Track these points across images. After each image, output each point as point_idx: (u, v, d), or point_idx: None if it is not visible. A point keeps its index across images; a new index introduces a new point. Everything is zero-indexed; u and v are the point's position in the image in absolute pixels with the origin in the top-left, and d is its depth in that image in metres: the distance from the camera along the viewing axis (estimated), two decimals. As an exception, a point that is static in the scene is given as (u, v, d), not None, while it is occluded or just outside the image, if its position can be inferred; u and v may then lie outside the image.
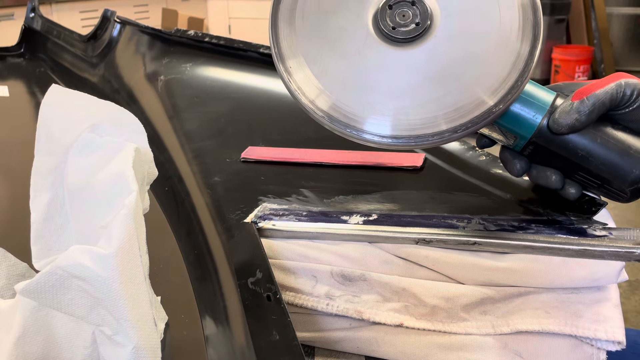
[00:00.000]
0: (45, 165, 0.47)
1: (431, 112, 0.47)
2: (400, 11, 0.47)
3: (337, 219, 0.54)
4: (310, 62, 0.48)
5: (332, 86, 0.48)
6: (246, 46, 1.04)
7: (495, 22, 0.46)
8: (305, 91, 0.48)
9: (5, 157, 0.85)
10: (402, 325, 0.48)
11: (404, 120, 0.47)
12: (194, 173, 0.70)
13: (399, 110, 0.47)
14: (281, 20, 0.49)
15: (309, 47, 0.49)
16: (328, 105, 0.48)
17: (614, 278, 0.47)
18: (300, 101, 0.48)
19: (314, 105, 0.48)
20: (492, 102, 0.45)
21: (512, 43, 0.46)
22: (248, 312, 0.44)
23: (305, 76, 0.48)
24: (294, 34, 0.49)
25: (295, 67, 0.48)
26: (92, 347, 0.40)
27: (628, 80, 0.47)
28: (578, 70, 3.90)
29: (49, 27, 1.44)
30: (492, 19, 0.46)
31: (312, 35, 0.49)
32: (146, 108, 0.95)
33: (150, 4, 4.25)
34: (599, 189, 0.51)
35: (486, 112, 0.45)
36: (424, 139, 0.47)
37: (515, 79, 0.45)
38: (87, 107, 0.48)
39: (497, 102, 0.45)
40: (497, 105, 0.45)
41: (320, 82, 0.48)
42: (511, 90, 0.45)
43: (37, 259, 0.45)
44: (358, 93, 0.48)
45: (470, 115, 0.46)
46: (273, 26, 0.49)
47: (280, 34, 0.49)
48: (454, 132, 0.46)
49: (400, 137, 0.47)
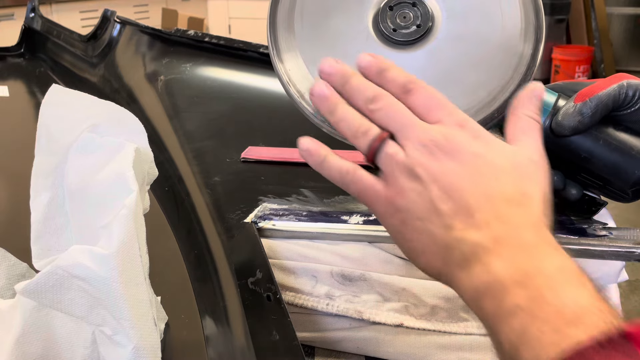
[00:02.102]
0: (45, 165, 0.47)
1: None
2: (401, 13, 0.46)
3: (337, 219, 0.54)
4: (309, 65, 0.48)
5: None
6: (246, 46, 1.04)
7: (498, 24, 0.46)
8: (305, 95, 0.48)
9: (5, 157, 0.85)
10: (402, 325, 0.48)
11: None
12: (194, 173, 0.70)
13: None
14: (279, 23, 0.48)
15: (308, 49, 0.48)
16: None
17: (614, 278, 0.47)
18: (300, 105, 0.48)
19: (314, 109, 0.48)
20: (494, 107, 0.45)
21: (514, 46, 0.45)
22: (248, 312, 0.44)
23: (304, 79, 0.48)
24: (292, 37, 0.48)
25: (295, 70, 0.48)
26: (92, 347, 0.40)
27: (630, 81, 0.47)
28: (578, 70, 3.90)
29: (49, 27, 1.44)
30: (494, 21, 0.46)
31: (311, 38, 0.48)
32: (146, 108, 0.95)
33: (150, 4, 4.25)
34: (600, 189, 0.51)
35: (489, 116, 0.45)
36: None
37: (518, 82, 0.45)
38: (87, 107, 0.48)
39: (499, 107, 0.45)
40: (500, 110, 0.45)
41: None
42: (514, 94, 0.45)
43: (37, 259, 0.45)
44: None
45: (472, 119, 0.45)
46: (271, 29, 0.49)
47: (279, 37, 0.49)
48: None
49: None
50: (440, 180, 0.35)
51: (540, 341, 0.29)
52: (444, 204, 0.35)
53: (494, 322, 0.32)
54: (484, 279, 0.33)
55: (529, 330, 0.30)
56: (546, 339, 0.29)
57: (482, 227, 0.34)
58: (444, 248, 0.35)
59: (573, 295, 0.30)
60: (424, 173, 0.36)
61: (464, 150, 0.36)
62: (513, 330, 0.31)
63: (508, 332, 0.31)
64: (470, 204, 0.35)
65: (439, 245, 0.35)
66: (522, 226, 0.34)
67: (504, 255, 0.33)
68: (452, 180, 0.35)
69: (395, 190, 0.37)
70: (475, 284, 0.33)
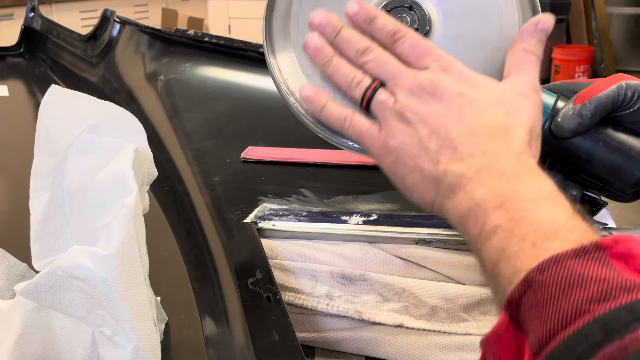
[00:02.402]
0: (45, 165, 0.47)
1: None
2: (399, 17, 0.46)
3: (337, 219, 0.54)
4: (306, 73, 0.47)
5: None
6: (246, 46, 1.04)
7: (495, 25, 0.46)
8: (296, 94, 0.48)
9: (5, 157, 0.85)
10: (402, 325, 0.48)
11: None
12: (194, 173, 0.70)
13: None
14: (275, 29, 0.48)
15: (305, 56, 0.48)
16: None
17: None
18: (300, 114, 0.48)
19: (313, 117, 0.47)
20: None
21: None
22: (248, 313, 0.44)
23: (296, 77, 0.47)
24: (289, 44, 0.48)
25: (293, 77, 0.48)
26: (91, 348, 0.40)
27: (629, 82, 0.47)
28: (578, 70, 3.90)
29: (49, 27, 1.44)
30: (491, 22, 0.46)
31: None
32: (146, 108, 0.95)
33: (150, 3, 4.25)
34: (600, 190, 0.51)
35: None
36: None
37: None
38: (86, 108, 0.48)
39: None
40: None
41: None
42: None
43: (36, 259, 0.45)
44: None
45: None
46: (267, 35, 0.48)
47: (275, 43, 0.48)
48: None
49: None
50: (427, 122, 0.39)
51: (518, 256, 0.31)
52: (431, 142, 0.38)
53: (477, 243, 0.35)
54: (467, 205, 0.36)
55: (508, 248, 0.32)
56: (524, 254, 0.31)
57: (465, 159, 0.37)
58: (433, 182, 0.38)
59: (550, 214, 0.33)
60: (413, 117, 0.39)
61: (449, 92, 0.39)
62: (494, 249, 0.33)
63: (489, 251, 0.33)
64: (454, 140, 0.38)
65: (428, 179, 0.38)
66: (503, 156, 0.37)
67: (484, 183, 0.36)
68: (438, 121, 0.39)
69: (387, 133, 0.40)
70: (460, 210, 0.36)
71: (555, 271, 0.28)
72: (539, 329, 0.27)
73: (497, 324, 0.31)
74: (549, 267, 0.29)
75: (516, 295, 0.29)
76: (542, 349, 0.27)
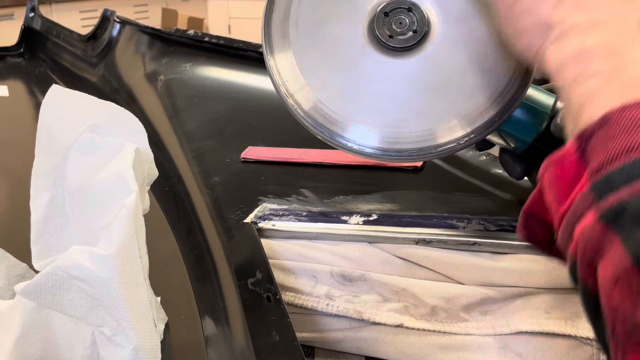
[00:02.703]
0: (45, 165, 0.47)
1: (433, 124, 0.46)
2: (397, 18, 0.46)
3: (337, 219, 0.54)
4: (306, 75, 0.47)
5: (330, 98, 0.47)
6: (246, 46, 1.04)
7: (494, 26, 0.46)
8: (303, 104, 0.48)
9: (5, 157, 0.85)
10: (402, 325, 0.48)
11: (406, 132, 0.46)
12: (194, 173, 0.70)
13: (399, 122, 0.46)
14: (274, 32, 0.48)
15: (304, 58, 0.47)
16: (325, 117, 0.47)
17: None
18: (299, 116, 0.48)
19: (312, 119, 0.47)
20: (494, 111, 0.45)
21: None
22: (248, 313, 0.44)
23: (301, 89, 0.47)
24: (288, 45, 0.48)
25: (292, 79, 0.48)
26: (91, 348, 0.40)
27: None
28: (578, 70, 3.89)
29: (49, 27, 1.44)
30: (490, 23, 0.45)
31: (307, 46, 0.47)
32: (146, 108, 0.95)
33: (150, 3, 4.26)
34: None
35: (489, 121, 0.45)
36: (426, 152, 0.46)
37: (518, 85, 0.44)
38: (87, 108, 0.48)
39: (499, 111, 0.45)
40: (500, 115, 0.45)
41: (317, 95, 0.47)
42: (514, 98, 0.44)
43: (37, 259, 0.45)
44: (356, 104, 0.47)
45: (472, 125, 0.45)
46: (266, 36, 0.48)
47: (274, 44, 0.48)
48: (457, 143, 0.45)
49: (403, 151, 0.46)
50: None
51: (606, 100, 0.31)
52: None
53: (570, 88, 0.34)
54: (574, 49, 0.35)
55: (600, 92, 0.32)
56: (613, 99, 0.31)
57: (586, 10, 0.36)
58: (547, 26, 0.37)
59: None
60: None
61: None
62: (585, 92, 0.33)
63: (580, 94, 0.33)
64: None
65: (542, 25, 0.38)
66: (627, 17, 0.36)
67: (600, 34, 0.35)
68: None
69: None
70: (564, 54, 0.36)
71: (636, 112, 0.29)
72: (602, 154, 0.28)
73: (564, 148, 0.31)
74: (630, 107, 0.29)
75: (591, 129, 0.30)
76: (601, 169, 0.28)
